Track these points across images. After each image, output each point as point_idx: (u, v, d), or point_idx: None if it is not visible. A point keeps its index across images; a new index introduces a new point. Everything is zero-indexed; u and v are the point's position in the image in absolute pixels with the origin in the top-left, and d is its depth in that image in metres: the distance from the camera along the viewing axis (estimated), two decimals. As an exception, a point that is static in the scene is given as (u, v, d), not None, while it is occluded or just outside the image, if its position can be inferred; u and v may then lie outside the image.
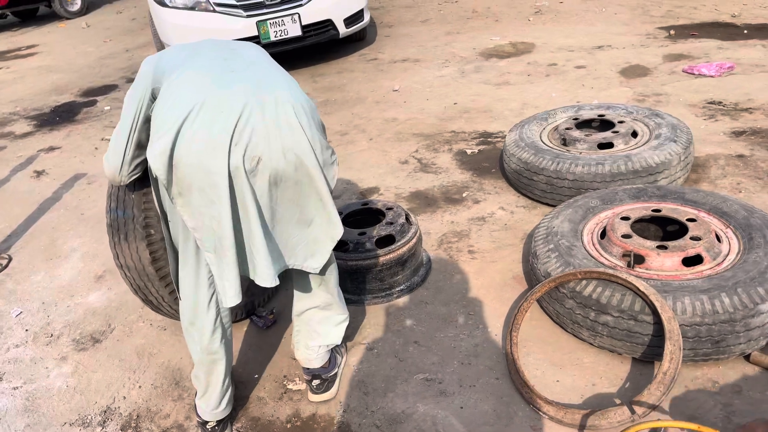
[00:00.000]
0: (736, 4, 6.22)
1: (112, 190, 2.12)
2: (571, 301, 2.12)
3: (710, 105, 3.97)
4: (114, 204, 2.11)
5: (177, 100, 1.58)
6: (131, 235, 2.11)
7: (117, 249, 2.15)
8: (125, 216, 2.10)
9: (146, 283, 2.19)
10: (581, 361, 2.12)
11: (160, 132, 1.56)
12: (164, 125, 1.56)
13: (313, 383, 2.10)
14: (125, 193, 2.08)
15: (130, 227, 2.10)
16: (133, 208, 2.08)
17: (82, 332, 2.68)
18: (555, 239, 2.34)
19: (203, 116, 1.54)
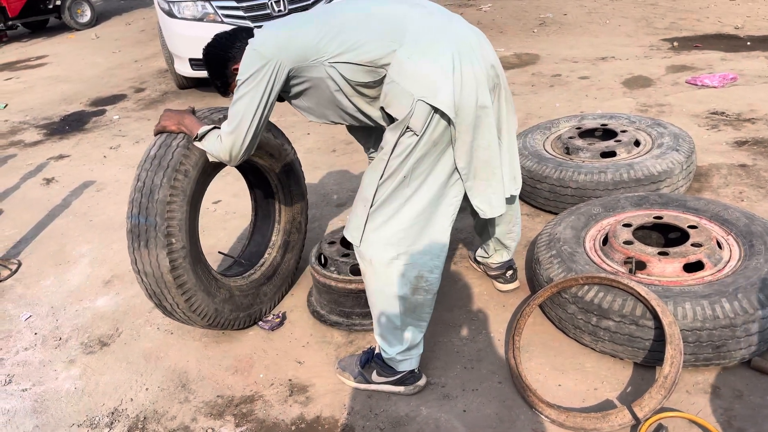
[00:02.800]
0: (739, 17, 6.27)
1: (134, 196, 2.16)
2: (573, 306, 2.15)
3: (713, 115, 4.00)
4: (136, 210, 2.15)
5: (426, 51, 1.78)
6: (152, 242, 2.14)
7: (135, 255, 2.18)
8: (147, 223, 2.13)
9: (163, 290, 2.21)
10: (583, 366, 2.14)
11: (431, 85, 1.75)
12: (429, 78, 1.75)
13: (507, 274, 2.53)
14: (149, 200, 2.12)
15: (151, 234, 2.13)
16: (156, 216, 2.12)
17: (90, 336, 2.71)
18: (557, 245, 2.36)
19: (461, 59, 1.77)
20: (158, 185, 2.13)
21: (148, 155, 2.20)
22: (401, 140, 1.82)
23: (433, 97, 1.75)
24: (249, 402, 2.21)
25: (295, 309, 2.68)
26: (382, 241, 1.92)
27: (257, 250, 2.81)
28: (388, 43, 1.81)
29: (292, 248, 2.83)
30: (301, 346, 2.44)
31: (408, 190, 1.88)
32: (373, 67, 1.84)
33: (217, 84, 2.11)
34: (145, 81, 7.41)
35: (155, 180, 2.14)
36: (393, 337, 2.04)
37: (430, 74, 1.76)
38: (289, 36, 1.89)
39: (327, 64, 1.87)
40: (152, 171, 2.15)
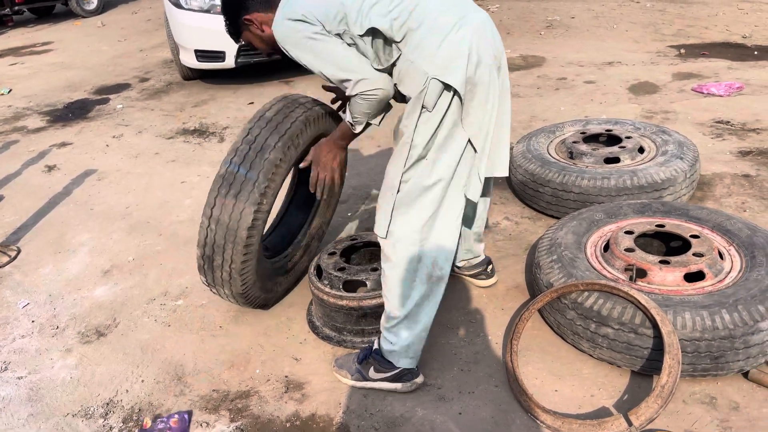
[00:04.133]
0: (747, 26, 6.25)
1: (241, 147, 2.18)
2: (572, 312, 2.14)
3: (718, 124, 3.99)
4: (238, 160, 2.17)
5: (442, 31, 1.81)
6: (244, 195, 2.15)
7: (218, 201, 2.18)
8: (246, 175, 2.15)
9: (227, 244, 2.20)
10: (580, 372, 2.14)
11: (445, 63, 1.79)
12: (444, 57, 1.80)
13: (488, 269, 2.60)
14: (257, 155, 2.15)
15: (246, 187, 2.15)
16: (260, 172, 2.15)
17: (88, 325, 2.71)
18: (558, 250, 2.36)
19: (474, 39, 1.82)
20: (271, 146, 2.17)
21: (264, 115, 2.25)
22: (421, 122, 1.86)
23: (447, 75, 1.80)
24: (244, 397, 2.20)
25: (295, 305, 2.67)
26: (408, 226, 1.95)
27: (280, 242, 2.83)
28: (408, 22, 1.84)
29: (309, 252, 2.87)
30: (298, 343, 2.44)
31: (431, 173, 1.92)
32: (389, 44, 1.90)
33: (230, 31, 2.18)
34: (149, 71, 7.40)
35: (269, 140, 2.18)
36: (403, 326, 2.04)
37: (445, 53, 1.80)
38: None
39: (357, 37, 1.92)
40: (267, 131, 2.20)
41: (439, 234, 1.98)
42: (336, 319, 2.38)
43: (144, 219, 3.64)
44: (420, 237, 1.96)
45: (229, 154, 2.20)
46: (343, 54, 1.92)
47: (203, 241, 2.26)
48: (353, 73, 1.91)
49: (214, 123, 5.25)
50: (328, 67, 1.93)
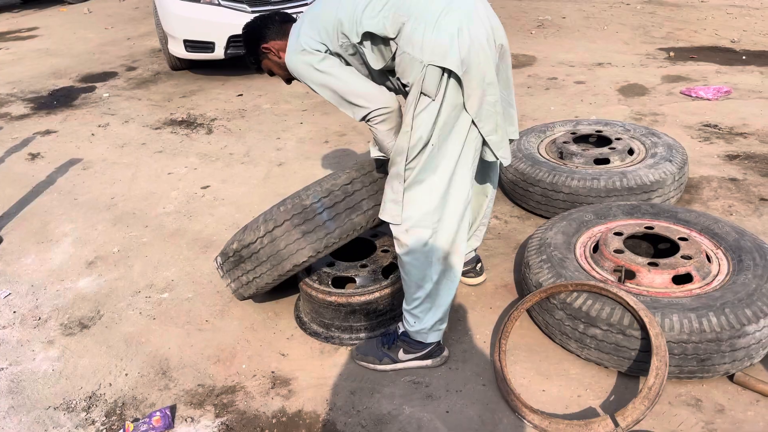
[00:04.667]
0: (735, 30, 6.30)
1: (337, 192, 2.17)
2: (560, 313, 2.14)
3: (706, 128, 4.02)
4: (327, 203, 2.16)
5: (432, 21, 1.82)
6: (312, 237, 2.18)
7: (285, 224, 2.17)
8: (326, 223, 2.18)
9: (266, 263, 2.23)
10: (568, 372, 2.14)
11: (438, 49, 1.80)
12: (437, 44, 1.81)
13: (477, 267, 2.61)
14: (345, 210, 2.17)
15: (318, 232, 2.18)
16: (338, 228, 2.19)
17: (71, 317, 2.67)
18: (548, 250, 2.36)
19: (466, 23, 1.84)
20: (362, 209, 2.19)
21: (372, 172, 2.24)
22: (421, 109, 1.88)
23: (441, 59, 1.82)
24: (230, 392, 2.18)
25: (282, 301, 2.65)
26: (422, 211, 1.97)
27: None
28: (398, 17, 1.87)
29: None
30: (285, 338, 2.42)
31: (438, 157, 1.94)
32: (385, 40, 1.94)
33: (251, 60, 2.26)
34: (137, 59, 7.30)
35: (363, 203, 2.19)
36: (429, 306, 2.09)
37: (436, 38, 1.82)
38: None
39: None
40: (366, 192, 2.20)
41: (451, 213, 2.00)
42: (324, 315, 2.36)
43: (129, 210, 3.59)
44: (432, 219, 1.98)
45: (322, 192, 2.17)
46: (349, 82, 1.97)
47: (246, 242, 2.25)
48: (362, 99, 1.96)
49: (202, 114, 5.19)
50: (337, 96, 1.99)
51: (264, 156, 4.21)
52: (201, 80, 6.24)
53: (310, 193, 2.17)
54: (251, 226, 2.28)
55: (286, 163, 4.08)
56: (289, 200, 2.22)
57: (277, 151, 4.28)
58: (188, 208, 3.55)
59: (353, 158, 4.05)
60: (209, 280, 2.84)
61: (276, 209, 2.22)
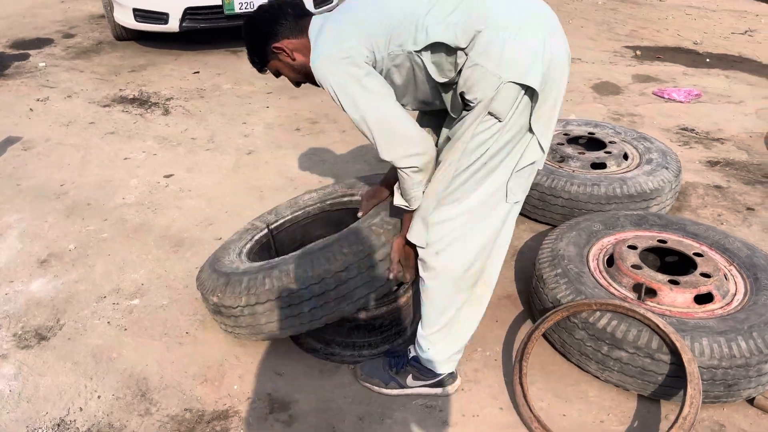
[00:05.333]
0: (696, 32, 6.42)
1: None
2: (582, 332, 2.03)
3: (684, 131, 4.03)
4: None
5: (513, 31, 1.60)
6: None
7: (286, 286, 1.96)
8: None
9: (244, 314, 2.02)
10: (586, 395, 2.04)
11: (520, 66, 1.58)
12: (519, 58, 1.59)
13: None
14: (339, 298, 1.96)
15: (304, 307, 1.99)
16: (324, 316, 2.00)
17: (25, 326, 2.35)
18: (562, 264, 2.24)
19: (547, 36, 1.63)
20: (352, 300, 1.98)
21: (371, 256, 1.97)
22: (481, 128, 1.66)
23: (522, 77, 1.59)
24: (223, 418, 1.96)
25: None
26: (453, 233, 1.78)
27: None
28: (472, 24, 1.62)
29: None
30: (279, 355, 2.20)
31: (483, 178, 1.74)
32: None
33: (255, 60, 1.92)
34: (74, 26, 6.72)
35: (356, 292, 1.97)
36: (448, 335, 1.92)
37: (518, 54, 1.60)
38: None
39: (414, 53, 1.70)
40: (362, 279, 1.96)
41: (489, 235, 1.82)
42: (324, 331, 2.16)
43: (83, 200, 3.23)
44: (466, 245, 1.79)
45: (313, 279, 1.91)
46: (394, 116, 1.70)
47: (225, 303, 2.02)
48: (403, 139, 1.71)
49: (155, 92, 4.79)
50: (376, 125, 1.69)
51: (230, 142, 3.91)
52: (150, 54, 5.79)
53: (300, 274, 1.93)
54: (233, 286, 2.01)
55: (256, 151, 3.80)
56: (276, 274, 1.95)
57: (245, 138, 3.99)
58: (152, 200, 3.23)
59: (329, 149, 3.82)
60: (185, 285, 2.57)
61: (261, 278, 1.96)
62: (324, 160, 3.68)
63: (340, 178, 3.46)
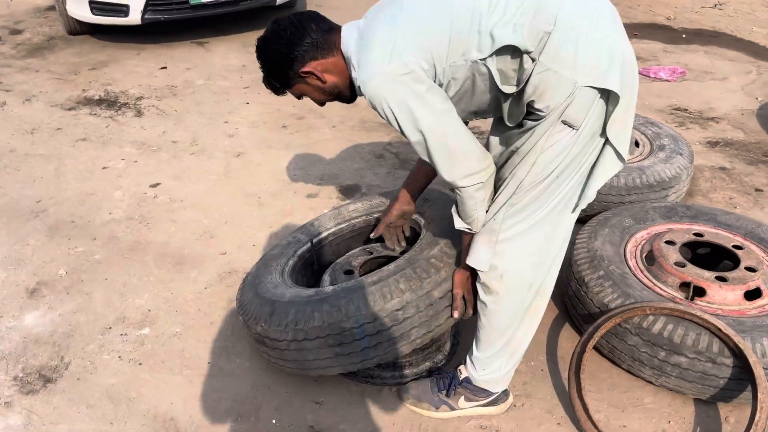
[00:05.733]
0: (668, 7, 6.43)
1: (381, 317, 1.78)
2: (635, 338, 1.95)
3: (677, 111, 4.01)
4: (370, 328, 1.78)
5: (586, 31, 1.46)
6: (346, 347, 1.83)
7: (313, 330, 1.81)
8: (362, 342, 1.81)
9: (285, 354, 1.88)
10: (642, 402, 1.98)
11: (597, 68, 1.46)
12: (596, 61, 1.46)
13: None
14: (388, 340, 1.81)
15: (353, 346, 1.83)
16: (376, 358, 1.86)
17: (26, 368, 2.13)
18: (603, 265, 2.15)
19: (619, 34, 1.52)
20: (409, 340, 1.83)
21: (430, 293, 1.81)
22: (553, 139, 1.53)
23: (600, 80, 1.46)
24: (266, 459, 1.81)
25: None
26: (521, 251, 1.66)
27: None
28: (539, 25, 1.46)
29: None
30: (313, 381, 2.06)
31: (555, 191, 1.61)
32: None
33: (275, 85, 1.74)
34: (20, 20, 6.27)
35: (413, 332, 1.82)
36: (506, 354, 1.83)
37: (596, 56, 1.46)
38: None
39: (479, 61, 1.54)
40: (419, 318, 1.81)
41: (554, 252, 1.72)
42: None
43: (66, 217, 2.98)
44: (532, 262, 1.69)
45: (367, 317, 1.75)
46: (455, 133, 1.55)
47: (270, 335, 1.86)
48: (465, 157, 1.57)
49: (123, 92, 4.49)
50: (437, 145, 1.54)
51: (216, 145, 3.68)
52: (110, 49, 5.43)
53: (352, 311, 1.76)
54: (279, 317, 1.84)
55: (245, 153, 3.58)
56: (327, 308, 1.78)
57: (230, 138, 3.76)
58: (142, 213, 3.00)
59: (322, 145, 3.64)
60: (197, 308, 2.38)
61: (310, 312, 1.80)
62: (319, 159, 3.50)
63: (339, 179, 3.29)
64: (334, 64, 1.65)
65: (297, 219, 2.94)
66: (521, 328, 1.81)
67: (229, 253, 2.70)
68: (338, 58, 1.64)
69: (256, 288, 2.03)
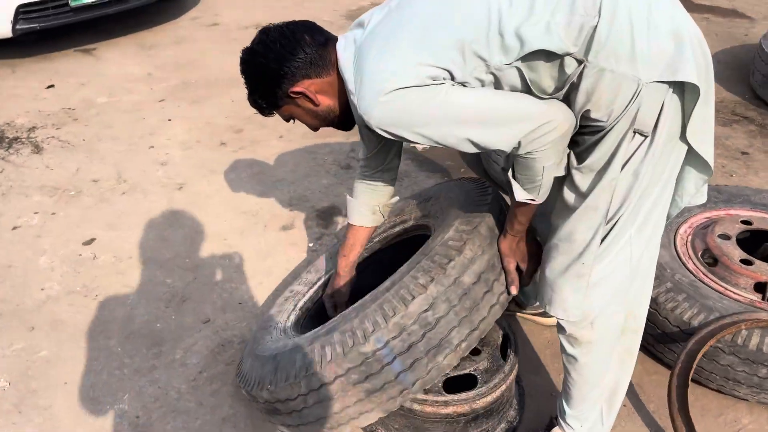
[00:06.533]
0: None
1: (411, 327, 1.40)
2: (730, 357, 1.75)
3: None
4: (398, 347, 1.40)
5: (641, 16, 1.18)
6: (377, 398, 1.46)
7: (338, 381, 1.43)
8: (398, 377, 1.43)
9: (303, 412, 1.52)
10: (741, 423, 1.80)
11: (664, 59, 1.19)
12: (661, 51, 1.19)
13: None
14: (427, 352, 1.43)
15: (389, 390, 1.46)
16: (417, 380, 1.45)
17: None
18: (666, 274, 1.93)
19: (674, 10, 1.24)
20: (452, 345, 1.43)
21: (460, 279, 1.43)
22: (628, 153, 1.27)
23: (671, 71, 1.19)
24: None
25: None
26: (611, 290, 1.42)
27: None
28: (578, 17, 1.17)
29: None
30: (378, 476, 1.69)
31: (636, 216, 1.35)
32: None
33: (261, 104, 1.49)
34: None
35: (453, 334, 1.42)
36: (604, 404, 1.62)
37: (659, 44, 1.19)
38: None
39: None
40: (456, 314, 1.42)
41: (640, 282, 1.47)
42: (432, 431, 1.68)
43: (-17, 303, 2.35)
44: (626, 297, 1.45)
45: (390, 331, 1.38)
46: (497, 107, 1.25)
47: (281, 396, 1.50)
48: (523, 119, 1.24)
49: (8, 123, 3.71)
50: (478, 131, 1.26)
51: (148, 178, 3.10)
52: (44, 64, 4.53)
53: (370, 329, 1.40)
54: (285, 370, 1.49)
55: (187, 184, 3.04)
56: (338, 335, 1.43)
57: (163, 167, 3.19)
58: (84, 283, 2.42)
59: (276, 160, 3.17)
60: (198, 402, 1.92)
61: (319, 349, 1.44)
62: (277, 179, 3.04)
63: (311, 201, 2.86)
64: (329, 84, 1.42)
65: (280, 260, 2.50)
66: (619, 373, 1.59)
67: (214, 320, 2.23)
68: (334, 77, 1.41)
69: (254, 352, 1.70)
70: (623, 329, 1.50)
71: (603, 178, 1.29)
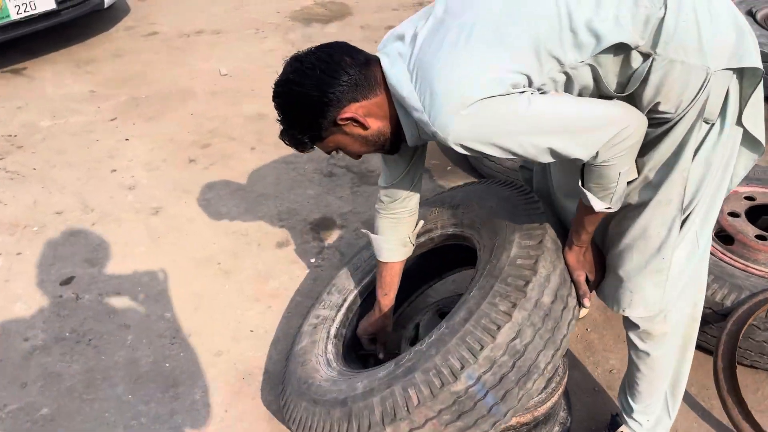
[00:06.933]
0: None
1: (502, 359, 1.33)
2: (766, 333, 1.80)
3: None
4: (490, 380, 1.33)
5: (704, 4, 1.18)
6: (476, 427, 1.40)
7: (429, 423, 1.36)
8: (492, 410, 1.37)
9: None
10: (781, 397, 1.84)
11: (729, 46, 1.19)
12: (725, 38, 1.19)
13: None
14: (518, 381, 1.35)
15: (482, 425, 1.38)
16: (510, 411, 1.38)
17: None
18: (690, 258, 1.96)
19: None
20: (540, 369, 1.36)
21: (540, 301, 1.37)
22: (697, 142, 1.27)
23: (737, 58, 1.20)
24: None
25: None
26: (682, 284, 1.43)
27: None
28: (642, 8, 1.16)
29: None
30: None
31: (713, 202, 1.40)
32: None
33: (303, 139, 1.37)
34: None
35: (540, 358, 1.35)
36: (669, 395, 1.63)
37: (722, 32, 1.20)
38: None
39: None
40: (541, 336, 1.36)
41: (704, 270, 1.51)
42: None
43: (-41, 363, 2.10)
44: (693, 290, 1.50)
45: (481, 366, 1.31)
46: (578, 115, 1.20)
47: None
48: (597, 122, 1.19)
49: (-54, 158, 3.37)
50: (561, 140, 1.19)
51: (117, 204, 2.88)
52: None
53: (457, 366, 1.33)
54: (362, 418, 1.39)
55: (162, 208, 2.85)
56: (420, 375, 1.35)
57: (132, 191, 2.97)
58: (73, 327, 2.21)
59: (254, 174, 3.02)
60: (232, 446, 1.79)
61: (400, 391, 1.35)
62: (260, 194, 2.90)
63: (301, 214, 2.75)
64: (378, 105, 1.33)
65: (284, 281, 2.37)
66: (681, 362, 1.60)
67: (227, 351, 2.09)
68: (382, 97, 1.32)
69: (308, 394, 1.57)
70: (692, 318, 1.51)
71: (674, 170, 1.27)
